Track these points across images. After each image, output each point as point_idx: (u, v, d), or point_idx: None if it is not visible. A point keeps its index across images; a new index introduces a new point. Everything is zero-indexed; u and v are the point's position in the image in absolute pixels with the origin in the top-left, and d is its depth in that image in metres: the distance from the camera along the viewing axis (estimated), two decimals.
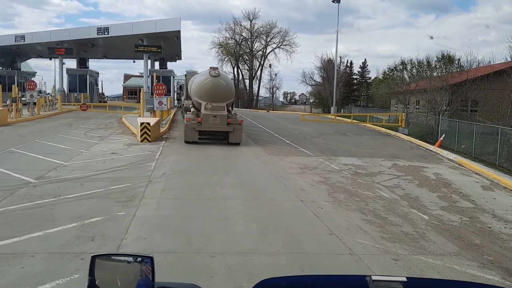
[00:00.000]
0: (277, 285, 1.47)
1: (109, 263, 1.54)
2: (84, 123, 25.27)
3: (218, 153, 15.67)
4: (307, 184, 10.95)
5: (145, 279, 1.49)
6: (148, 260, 1.50)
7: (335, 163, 14.48)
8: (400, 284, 1.34)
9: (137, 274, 1.50)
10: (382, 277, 1.36)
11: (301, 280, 1.60)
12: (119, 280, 1.52)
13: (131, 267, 1.51)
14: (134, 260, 1.52)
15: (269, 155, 15.60)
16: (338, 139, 22.02)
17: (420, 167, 14.38)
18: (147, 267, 1.50)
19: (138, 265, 1.51)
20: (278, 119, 36.04)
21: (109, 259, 1.57)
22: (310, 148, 17.75)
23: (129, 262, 1.54)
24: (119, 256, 1.63)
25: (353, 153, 17.14)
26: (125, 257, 1.58)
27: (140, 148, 16.01)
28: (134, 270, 1.50)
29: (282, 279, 1.48)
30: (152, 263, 1.50)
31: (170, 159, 13.82)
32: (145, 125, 17.68)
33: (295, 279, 1.59)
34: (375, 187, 11.00)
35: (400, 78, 32.40)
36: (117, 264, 1.56)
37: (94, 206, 8.08)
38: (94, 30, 38.39)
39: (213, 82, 17.61)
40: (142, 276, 1.49)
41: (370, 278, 1.35)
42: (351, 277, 1.57)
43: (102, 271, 1.50)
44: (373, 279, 1.35)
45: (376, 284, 1.34)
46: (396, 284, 1.35)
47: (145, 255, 1.51)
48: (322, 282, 1.57)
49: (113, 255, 1.61)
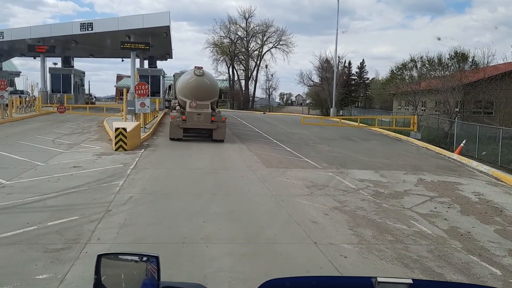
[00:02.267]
0: (282, 285, 1.45)
1: (115, 262, 1.54)
2: (59, 127, 22.50)
3: (206, 165, 12.98)
4: (319, 213, 8.28)
5: (151, 278, 1.48)
6: (153, 259, 1.49)
7: (348, 178, 11.82)
8: (406, 286, 1.32)
9: (142, 273, 1.49)
10: (388, 279, 1.32)
11: (306, 281, 1.54)
12: (125, 279, 1.53)
13: (137, 266, 1.51)
14: (140, 260, 1.52)
15: (267, 167, 12.93)
16: (344, 146, 19.39)
17: (452, 184, 11.75)
18: (152, 266, 1.49)
19: (144, 264, 1.50)
20: (275, 121, 33.40)
21: (115, 258, 1.55)
22: (315, 158, 15.09)
23: (135, 261, 1.53)
24: (125, 255, 1.58)
25: (366, 164, 14.50)
26: (131, 256, 1.57)
27: (112, 159, 13.29)
28: (139, 269, 1.50)
29: (286, 280, 1.45)
30: (157, 262, 1.48)
31: (144, 175, 11.11)
32: (120, 131, 14.96)
33: (300, 280, 1.54)
34: (408, 216, 8.35)
35: (409, 76, 29.72)
36: (123, 263, 1.55)
37: (5, 262, 5.37)
38: (77, 26, 35.54)
39: (198, 81, 18.01)
40: (148, 275, 1.49)
41: (376, 280, 1.32)
42: (357, 279, 1.54)
43: (108, 270, 1.50)
44: (379, 280, 1.31)
45: (382, 286, 1.31)
46: (402, 286, 1.32)
47: (151, 254, 1.50)
48: (327, 283, 1.52)
49: (119, 254, 1.56)
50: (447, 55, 27.46)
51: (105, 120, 26.18)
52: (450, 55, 26.64)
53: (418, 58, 28.41)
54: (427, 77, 28.44)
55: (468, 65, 26.79)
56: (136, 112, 19.68)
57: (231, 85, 67.26)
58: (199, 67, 18.45)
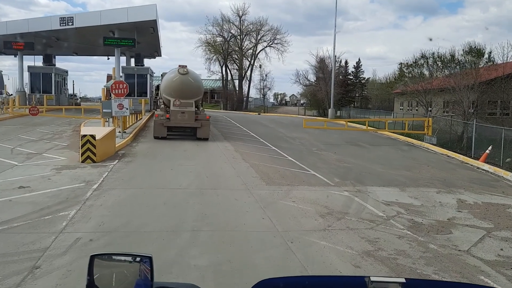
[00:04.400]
0: (275, 285, 1.43)
1: (108, 263, 1.52)
2: (28, 132, 19.81)
3: (190, 183, 10.39)
4: (347, 263, 5.75)
5: (144, 278, 1.47)
6: (147, 260, 1.47)
7: (370, 200, 9.31)
8: (399, 285, 1.31)
9: (136, 274, 1.48)
10: (381, 278, 1.32)
11: (299, 281, 1.54)
12: (118, 279, 1.51)
13: (130, 266, 1.49)
14: (133, 260, 1.50)
15: (267, 184, 10.38)
16: (353, 153, 16.90)
17: (502, 207, 9.27)
18: (146, 267, 1.47)
19: (137, 264, 1.48)
20: (272, 123, 30.87)
21: (108, 258, 1.53)
22: (323, 170, 12.58)
23: (128, 262, 1.51)
24: (118, 255, 1.55)
25: (385, 177, 12.02)
26: (124, 257, 1.55)
27: (73, 175, 10.67)
28: (133, 269, 1.48)
29: (280, 280, 1.44)
30: (151, 263, 1.47)
31: (108, 199, 8.51)
32: (88, 139, 12.35)
33: (293, 280, 1.54)
34: (472, 267, 5.84)
35: (420, 74, 27.21)
36: (116, 264, 1.53)
37: None
38: (57, 21, 32.64)
39: (182, 79, 17.90)
40: (141, 275, 1.47)
41: (369, 279, 1.31)
42: (349, 278, 1.54)
43: (101, 270, 1.48)
44: (372, 280, 1.30)
45: (375, 285, 1.30)
46: (395, 285, 1.31)
47: (144, 255, 1.49)
48: (320, 283, 1.51)
49: (112, 254, 1.54)
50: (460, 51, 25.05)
51: (83, 123, 23.56)
52: (464, 50, 24.25)
53: (430, 54, 25.97)
54: (439, 75, 26.00)
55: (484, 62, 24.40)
56: (113, 115, 17.04)
57: (224, 85, 64.68)
58: (183, 65, 18.16)
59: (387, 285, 1.32)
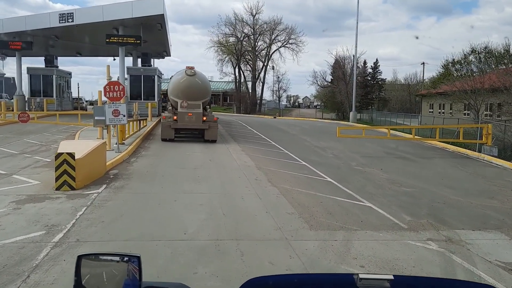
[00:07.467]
0: (264, 284, 1.41)
1: (95, 263, 1.47)
2: (11, 143, 16.90)
3: (200, 227, 7.15)
4: None
5: (132, 278, 1.42)
6: (135, 259, 1.43)
7: (478, 260, 5.99)
8: (387, 282, 1.29)
9: (124, 274, 1.42)
10: (369, 275, 1.30)
11: (288, 279, 1.52)
12: (106, 280, 1.45)
13: (118, 266, 1.44)
14: (121, 260, 1.45)
15: (311, 229, 7.11)
16: (403, 170, 13.58)
17: None
18: (134, 266, 1.42)
19: (125, 264, 1.43)
20: (292, 129, 27.64)
21: (96, 258, 1.49)
22: (380, 199, 9.29)
23: (116, 262, 1.46)
24: (105, 255, 1.51)
25: (471, 212, 8.68)
26: (112, 257, 1.50)
27: (35, 212, 7.52)
28: (121, 269, 1.43)
29: (269, 278, 1.41)
30: (139, 262, 1.42)
31: (70, 268, 5.33)
32: (64, 159, 9.22)
33: (282, 278, 1.52)
34: None
35: (471, 72, 23.60)
36: (104, 264, 1.48)
37: None
38: (56, 17, 29.90)
39: (189, 81, 17.70)
40: (129, 275, 1.42)
41: (357, 276, 1.29)
42: (338, 276, 1.53)
43: (88, 270, 1.43)
44: (361, 277, 1.29)
45: (364, 282, 1.29)
46: (383, 282, 1.29)
47: (132, 255, 1.44)
48: (310, 280, 1.49)
49: (99, 254, 1.49)
50: None
51: (80, 131, 20.64)
52: None
53: (482, 49, 22.40)
54: (491, 72, 22.45)
55: None
56: (107, 124, 13.96)
57: (238, 87, 61.62)
58: (190, 67, 17.90)
59: (375, 281, 1.30)
